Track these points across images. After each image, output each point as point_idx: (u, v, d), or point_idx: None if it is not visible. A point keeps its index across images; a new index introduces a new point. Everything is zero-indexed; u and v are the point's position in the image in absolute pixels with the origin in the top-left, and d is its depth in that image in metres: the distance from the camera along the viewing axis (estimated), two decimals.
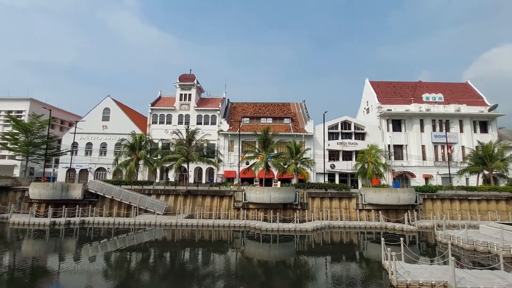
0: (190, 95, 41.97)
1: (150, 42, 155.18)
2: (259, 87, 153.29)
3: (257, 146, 33.38)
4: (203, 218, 25.98)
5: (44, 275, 13.42)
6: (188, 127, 33.36)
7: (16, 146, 36.19)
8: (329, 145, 38.62)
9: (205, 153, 33.57)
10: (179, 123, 40.67)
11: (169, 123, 41.07)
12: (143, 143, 33.11)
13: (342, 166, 38.21)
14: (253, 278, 13.57)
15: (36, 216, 25.83)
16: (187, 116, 41.35)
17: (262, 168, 30.15)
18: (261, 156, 30.55)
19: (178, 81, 42.44)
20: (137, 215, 26.44)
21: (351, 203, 28.09)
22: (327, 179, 36.39)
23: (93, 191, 28.31)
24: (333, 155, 39.35)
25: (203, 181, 37.73)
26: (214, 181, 35.37)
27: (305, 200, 27.97)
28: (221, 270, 14.36)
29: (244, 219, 25.45)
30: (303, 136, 38.55)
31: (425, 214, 27.68)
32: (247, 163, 32.89)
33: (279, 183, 31.88)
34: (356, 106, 50.27)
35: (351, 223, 25.44)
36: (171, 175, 37.08)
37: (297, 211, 26.33)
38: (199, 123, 40.49)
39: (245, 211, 26.64)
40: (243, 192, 27.69)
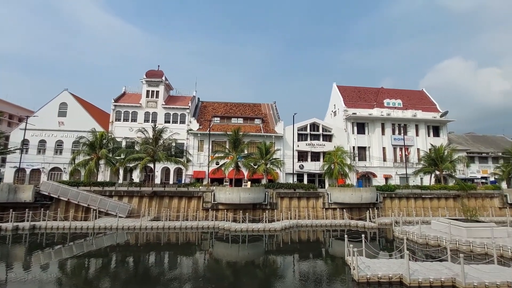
0: (157, 92, 40.25)
1: (113, 33, 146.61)
2: (230, 87, 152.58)
3: (227, 146, 33.03)
4: (169, 220, 25.02)
5: None
6: (155, 125, 31.89)
7: None
8: (298, 146, 39.53)
9: (173, 153, 32.36)
10: (146, 121, 38.78)
11: (134, 120, 38.98)
12: (105, 141, 31.00)
13: (310, 166, 39.33)
14: (221, 279, 13.32)
15: None
16: (154, 114, 39.60)
17: (232, 168, 29.91)
18: (232, 156, 30.29)
19: (145, 77, 40.44)
20: (96, 219, 24.66)
21: (318, 202, 29.03)
22: (296, 179, 37.21)
23: (46, 193, 25.84)
24: (302, 156, 40.35)
25: (171, 182, 36.38)
26: (182, 182, 34.29)
27: (275, 200, 28.29)
28: (188, 273, 13.89)
29: (213, 220, 25.01)
30: (273, 137, 39.00)
31: (384, 211, 29.55)
32: (217, 163, 32.43)
33: (249, 183, 31.87)
34: (324, 108, 52.21)
35: (318, 221, 26.25)
36: (136, 176, 35.21)
37: (267, 211, 26.54)
38: (167, 122, 38.98)
39: (214, 212, 26.21)
40: (213, 192, 27.21)
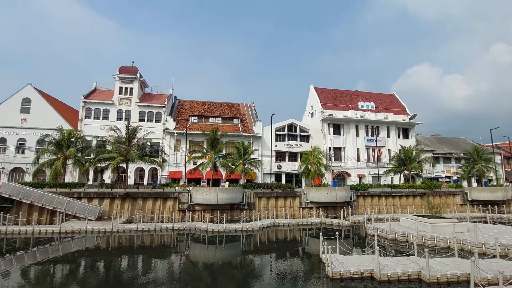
0: (131, 89, 38.65)
1: (84, 26, 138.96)
2: (208, 86, 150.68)
3: (205, 146, 32.52)
4: (143, 222, 24.12)
5: None
6: (128, 124, 30.56)
7: None
8: (276, 146, 39.90)
9: (148, 153, 31.23)
10: (118, 119, 37.11)
11: (105, 118, 37.12)
12: (73, 140, 29.26)
13: (288, 166, 39.84)
14: (198, 281, 13.04)
15: None
16: (128, 112, 38.00)
17: (210, 168, 29.46)
18: (209, 156, 29.84)
19: (118, 73, 38.67)
20: (63, 222, 23.11)
21: (295, 201, 29.47)
22: (274, 179, 37.51)
23: (6, 196, 23.82)
24: (280, 156, 40.78)
25: (145, 183, 35.13)
26: (157, 182, 33.23)
27: (252, 200, 28.29)
28: (162, 276, 13.43)
29: (189, 222, 24.49)
30: (251, 137, 39.01)
31: (358, 209, 30.68)
32: (194, 163, 31.83)
33: (227, 183, 31.60)
34: (302, 109, 53.19)
35: (295, 220, 26.64)
36: (107, 176, 33.54)
37: (244, 211, 26.47)
38: (141, 120, 37.56)
39: (191, 213, 25.68)
40: (189, 193, 26.64)
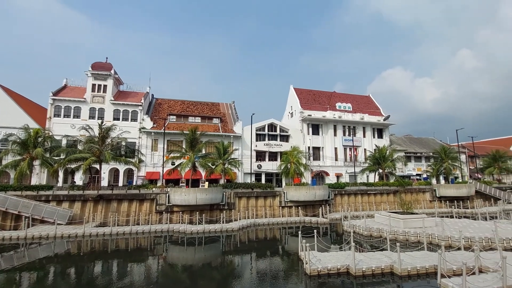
0: (105, 86, 36.98)
1: (53, 18, 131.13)
2: (189, 85, 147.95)
3: (184, 145, 31.87)
4: (118, 225, 23.18)
5: None
6: (102, 123, 29.22)
7: None
8: (256, 146, 40.00)
9: (123, 153, 30.04)
10: (91, 117, 35.37)
11: (77, 117, 35.25)
12: (40, 139, 27.52)
13: (268, 166, 40.09)
14: (176, 283, 12.75)
15: None
16: (101, 110, 36.32)
17: (189, 168, 28.93)
18: (188, 156, 29.29)
19: (90, 69, 36.83)
20: (29, 227, 21.62)
21: (275, 201, 29.71)
22: (254, 179, 37.58)
23: None
24: (260, 156, 40.93)
25: (120, 184, 33.76)
26: (133, 184, 32.09)
27: (232, 200, 28.14)
28: (139, 280, 12.95)
29: (167, 223, 23.87)
30: (231, 136, 38.80)
31: (335, 207, 31.54)
32: (173, 164, 31.11)
33: (206, 183, 31.19)
34: (282, 109, 53.76)
35: (275, 219, 26.86)
36: (79, 178, 31.87)
37: (224, 212, 26.28)
38: (116, 119, 36.03)
39: (169, 214, 25.05)
40: (167, 194, 25.97)
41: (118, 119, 36.07)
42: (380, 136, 47.96)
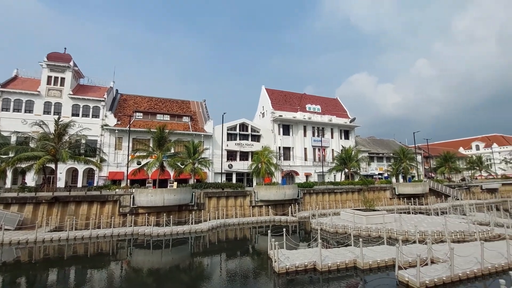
0: (63, 79, 34.12)
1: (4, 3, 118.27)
2: (157, 82, 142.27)
3: (151, 144, 30.54)
4: (76, 229, 21.51)
5: None
6: (59, 118, 26.85)
7: None
8: (227, 145, 39.67)
9: (83, 151, 27.94)
10: (46, 112, 32.40)
11: (29, 111, 32.06)
12: None
13: (239, 166, 39.94)
14: None
15: None
16: (58, 104, 33.43)
17: (156, 168, 27.80)
18: (156, 155, 28.11)
19: (46, 60, 33.72)
20: None
21: (246, 200, 29.70)
22: (225, 179, 37.23)
23: None
24: (231, 155, 40.65)
25: (79, 185, 31.41)
26: (94, 184, 30.01)
27: (202, 200, 27.59)
28: (100, 287, 12.11)
29: (131, 226, 22.66)
30: (202, 135, 38.03)
31: (304, 206, 32.39)
32: (139, 163, 29.66)
33: (175, 184, 30.14)
34: (254, 109, 53.96)
35: (245, 219, 26.83)
36: (31, 179, 29.00)
37: (193, 212, 25.68)
38: (75, 115, 33.43)
39: (134, 216, 23.80)
40: (132, 195, 24.68)
41: (77, 115, 33.49)
42: (346, 137, 50.24)
